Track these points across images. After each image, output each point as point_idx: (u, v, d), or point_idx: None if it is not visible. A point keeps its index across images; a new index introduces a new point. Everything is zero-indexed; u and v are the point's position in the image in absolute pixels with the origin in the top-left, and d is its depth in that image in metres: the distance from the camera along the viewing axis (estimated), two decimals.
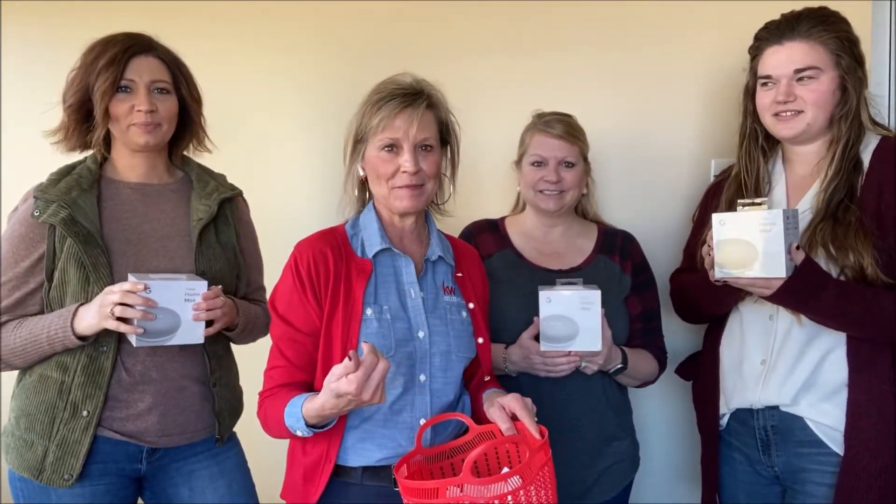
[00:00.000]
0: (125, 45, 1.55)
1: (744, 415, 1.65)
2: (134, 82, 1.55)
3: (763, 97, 1.61)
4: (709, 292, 1.64)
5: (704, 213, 1.79)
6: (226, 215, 1.70)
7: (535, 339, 1.64)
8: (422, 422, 1.38)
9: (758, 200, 1.47)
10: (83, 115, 1.57)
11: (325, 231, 1.46)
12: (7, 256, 1.53)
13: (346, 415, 1.34)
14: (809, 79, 1.55)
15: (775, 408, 1.59)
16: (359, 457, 1.38)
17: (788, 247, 1.43)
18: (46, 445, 1.51)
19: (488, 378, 1.52)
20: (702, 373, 1.78)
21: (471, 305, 1.48)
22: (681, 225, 2.02)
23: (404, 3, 2.18)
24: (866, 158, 1.56)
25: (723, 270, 1.48)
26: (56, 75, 1.61)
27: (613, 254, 1.84)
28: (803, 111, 1.56)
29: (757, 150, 1.68)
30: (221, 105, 1.83)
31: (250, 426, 1.74)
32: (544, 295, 1.60)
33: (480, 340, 1.47)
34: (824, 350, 1.54)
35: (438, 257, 1.47)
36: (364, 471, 1.38)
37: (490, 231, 1.87)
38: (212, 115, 1.74)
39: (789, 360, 1.56)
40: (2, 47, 2.29)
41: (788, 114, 1.57)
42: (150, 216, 1.62)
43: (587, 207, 1.92)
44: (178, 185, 1.69)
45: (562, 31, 2.13)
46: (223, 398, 1.67)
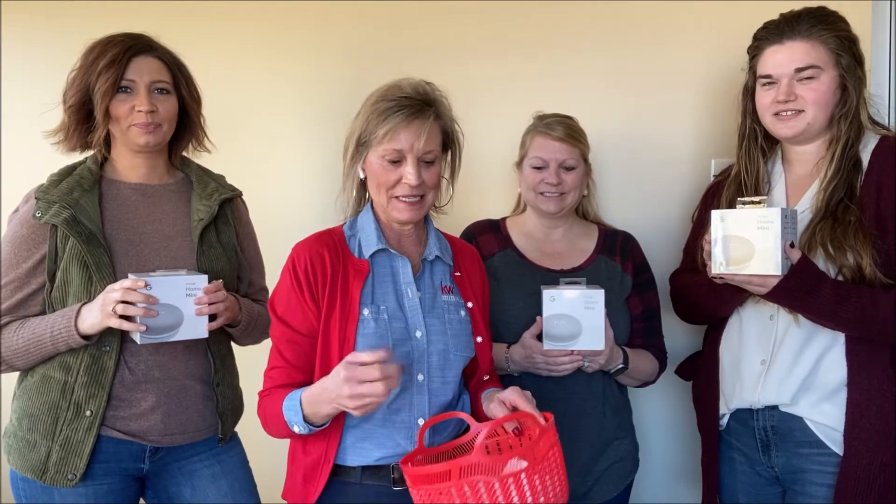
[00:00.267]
0: (125, 46, 1.55)
1: (744, 415, 1.65)
2: (134, 82, 1.55)
3: (763, 97, 1.61)
4: (712, 294, 1.64)
5: (704, 212, 1.79)
6: (226, 216, 1.71)
7: (538, 338, 1.64)
8: (420, 422, 1.38)
9: (757, 199, 1.48)
10: (83, 116, 1.58)
11: (323, 232, 1.46)
12: (9, 257, 1.54)
13: (344, 414, 1.35)
14: (810, 78, 1.55)
15: (775, 408, 1.59)
16: (358, 456, 1.38)
17: (785, 245, 1.44)
18: (50, 446, 1.51)
19: (487, 377, 1.52)
20: (701, 373, 1.78)
21: (469, 304, 1.48)
22: (680, 225, 2.02)
23: (404, 3, 2.18)
24: (865, 158, 1.57)
25: (720, 266, 1.48)
26: (56, 75, 1.61)
27: (614, 254, 1.85)
28: (804, 111, 1.56)
29: (756, 150, 1.68)
30: (221, 105, 1.84)
31: (251, 426, 1.74)
32: (548, 294, 1.60)
33: (479, 339, 1.47)
34: (824, 350, 1.54)
35: (436, 257, 1.47)
36: (363, 470, 1.38)
37: (491, 231, 1.88)
38: (212, 115, 1.75)
39: (789, 360, 1.57)
40: (2, 47, 2.29)
41: (788, 113, 1.57)
42: (151, 216, 1.62)
43: (588, 208, 1.93)
44: (178, 185, 1.69)
45: (562, 31, 2.13)
46: (226, 398, 1.67)
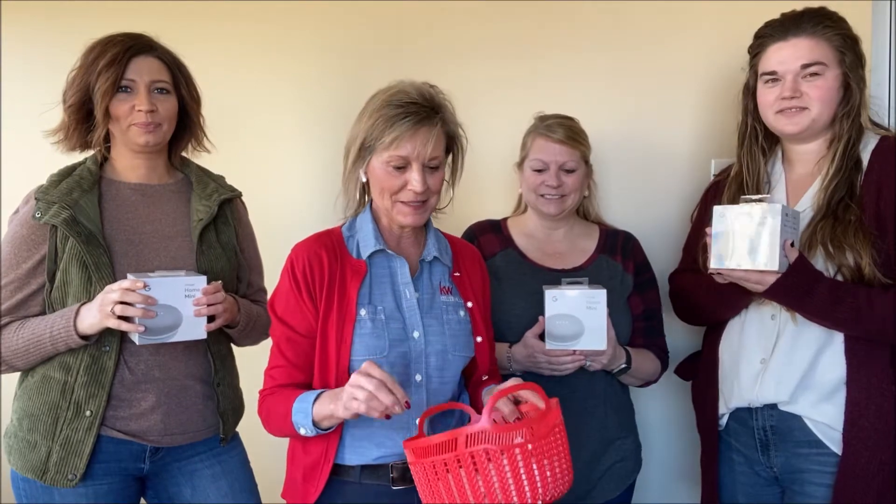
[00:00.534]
0: (125, 46, 1.55)
1: (743, 414, 1.65)
2: (134, 82, 1.55)
3: (766, 94, 1.61)
4: (714, 295, 1.64)
5: (703, 212, 1.79)
6: (225, 216, 1.71)
7: (540, 337, 1.65)
8: (419, 422, 1.38)
9: (759, 196, 1.48)
10: (83, 115, 1.58)
11: (321, 233, 1.46)
12: (9, 258, 1.54)
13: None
14: (814, 75, 1.55)
15: (774, 407, 1.59)
16: (357, 455, 1.38)
17: (784, 243, 1.44)
18: (50, 446, 1.51)
19: (486, 377, 1.52)
20: (701, 373, 1.78)
21: (469, 304, 1.48)
22: (680, 224, 2.02)
23: (404, 3, 2.17)
24: (865, 158, 1.57)
25: (719, 262, 1.48)
26: (56, 75, 1.61)
27: (615, 254, 1.85)
28: (808, 108, 1.56)
29: (757, 150, 1.68)
30: (221, 105, 1.83)
31: (252, 426, 1.74)
32: (550, 294, 1.60)
33: (479, 339, 1.47)
34: (823, 348, 1.54)
35: (434, 258, 1.47)
36: (362, 469, 1.39)
37: (493, 231, 1.88)
38: (211, 115, 1.75)
39: (788, 358, 1.57)
40: (2, 47, 2.29)
41: (793, 110, 1.57)
42: (150, 217, 1.62)
43: (589, 209, 1.93)
44: (177, 185, 1.69)
45: (562, 31, 2.13)
46: (227, 398, 1.67)
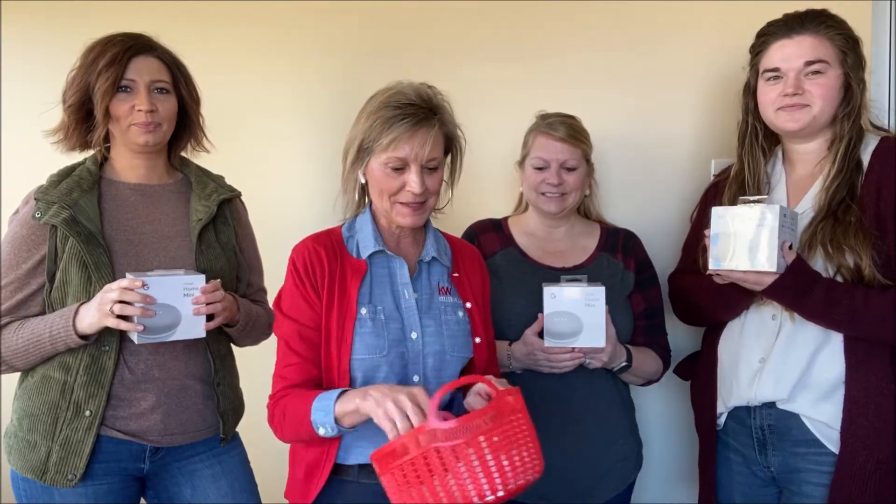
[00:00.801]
0: (125, 46, 1.55)
1: (741, 413, 1.65)
2: (134, 82, 1.55)
3: (768, 92, 1.61)
4: (716, 296, 1.64)
5: (703, 213, 1.79)
6: (225, 216, 1.71)
7: (539, 335, 1.65)
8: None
9: (756, 198, 1.48)
10: (83, 115, 1.58)
11: (321, 233, 1.47)
12: (9, 258, 1.54)
13: None
14: (817, 73, 1.55)
15: (772, 405, 1.59)
16: (355, 455, 1.38)
17: (782, 245, 1.44)
18: (50, 446, 1.51)
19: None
20: (700, 372, 1.78)
21: (468, 305, 1.48)
22: (680, 224, 2.02)
23: (404, 4, 2.17)
24: (866, 158, 1.57)
25: (717, 263, 1.49)
26: (56, 75, 1.61)
27: (616, 252, 1.85)
28: (809, 105, 1.56)
29: (758, 149, 1.68)
30: (221, 106, 1.83)
31: (251, 426, 1.75)
32: (549, 291, 1.60)
33: (478, 340, 1.47)
34: (822, 347, 1.54)
35: (433, 258, 1.47)
36: (361, 469, 1.39)
37: (493, 230, 1.88)
38: (211, 115, 1.75)
39: (786, 357, 1.57)
40: (2, 47, 2.29)
41: (794, 106, 1.57)
42: (150, 217, 1.62)
43: (590, 208, 1.93)
44: (177, 185, 1.69)
45: (562, 31, 2.13)
46: (227, 398, 1.67)
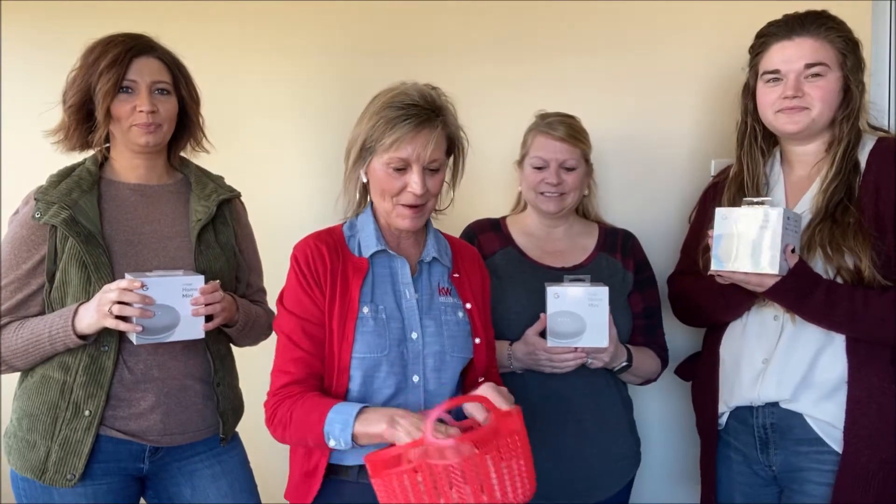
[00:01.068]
0: (127, 46, 1.55)
1: (743, 413, 1.65)
2: (136, 83, 1.56)
3: (767, 93, 1.61)
4: (718, 297, 1.64)
5: (702, 213, 1.79)
6: (224, 216, 1.71)
7: (541, 335, 1.65)
8: None
9: (761, 199, 1.48)
10: (83, 116, 1.58)
11: (322, 231, 1.47)
12: (8, 258, 1.54)
13: None
14: (817, 76, 1.55)
15: (775, 405, 1.59)
16: (354, 456, 1.38)
17: (784, 247, 1.44)
18: (49, 446, 1.52)
19: (482, 379, 1.52)
20: (701, 373, 1.78)
21: (468, 306, 1.48)
22: (680, 224, 2.02)
23: (404, 4, 2.17)
24: (863, 159, 1.57)
25: (719, 264, 1.49)
26: (56, 75, 1.61)
27: (615, 252, 1.85)
28: (809, 107, 1.56)
29: (757, 150, 1.68)
30: (221, 106, 1.83)
31: (251, 426, 1.75)
32: (552, 291, 1.60)
33: (477, 341, 1.47)
34: (824, 347, 1.54)
35: (433, 258, 1.47)
36: (360, 469, 1.39)
37: (492, 230, 1.88)
38: (211, 116, 1.75)
39: (789, 357, 1.57)
40: (2, 47, 2.29)
41: (794, 109, 1.57)
42: (149, 217, 1.62)
43: (588, 208, 1.93)
44: (176, 186, 1.69)
45: (561, 30, 2.13)
46: (227, 398, 1.68)
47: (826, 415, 1.53)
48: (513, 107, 2.00)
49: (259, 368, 1.56)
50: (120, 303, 1.41)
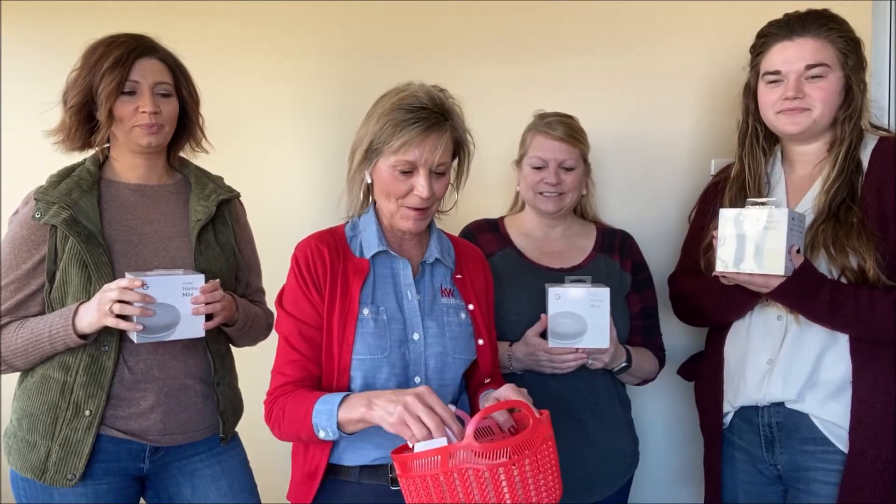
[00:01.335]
0: (129, 47, 1.55)
1: (748, 412, 1.65)
2: (138, 84, 1.56)
3: (768, 94, 1.61)
4: (721, 298, 1.64)
5: (702, 213, 1.79)
6: (224, 217, 1.71)
7: (542, 336, 1.65)
8: None
9: (766, 200, 1.48)
10: (85, 116, 1.58)
11: (324, 231, 1.47)
12: (8, 258, 1.54)
13: None
14: (818, 77, 1.55)
15: (780, 405, 1.59)
16: (356, 456, 1.39)
17: (790, 248, 1.44)
18: (49, 446, 1.52)
19: (489, 380, 1.52)
20: (705, 373, 1.78)
21: (471, 307, 1.48)
22: (679, 225, 2.02)
23: (404, 4, 2.17)
24: (865, 158, 1.57)
25: (724, 265, 1.49)
26: (56, 75, 1.61)
27: (613, 253, 1.85)
28: (810, 108, 1.56)
29: (758, 150, 1.68)
30: (220, 106, 1.83)
31: (251, 426, 1.75)
32: (553, 292, 1.60)
33: (480, 342, 1.47)
34: (829, 347, 1.54)
35: (436, 259, 1.47)
36: (361, 470, 1.39)
37: (490, 231, 1.88)
38: (211, 116, 1.75)
39: (795, 358, 1.57)
40: (2, 47, 2.29)
41: (795, 110, 1.56)
42: (149, 217, 1.62)
43: (587, 208, 1.93)
44: (176, 186, 1.70)
45: (561, 30, 2.13)
46: (227, 397, 1.68)
47: (831, 415, 1.54)
48: (513, 106, 1.99)
49: (258, 368, 1.57)
50: (121, 302, 1.42)
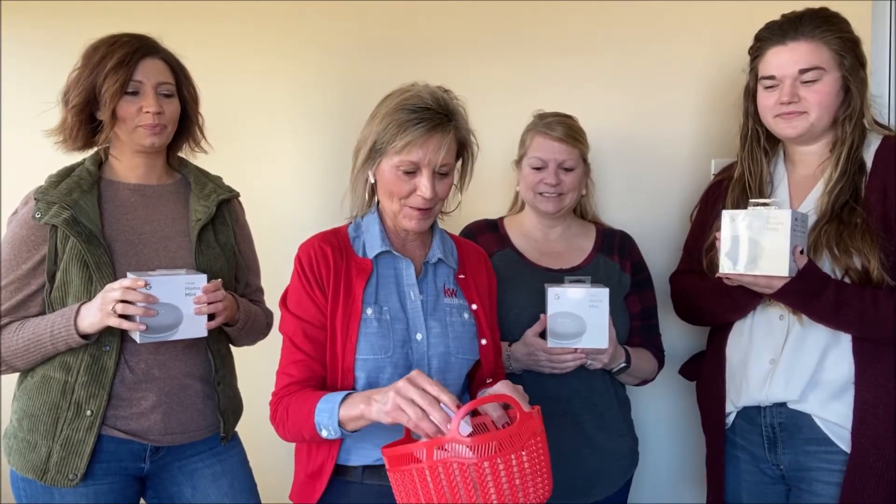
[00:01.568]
0: (133, 47, 1.55)
1: (751, 412, 1.65)
2: (142, 84, 1.56)
3: (765, 98, 1.61)
4: (724, 298, 1.64)
5: (704, 212, 1.79)
6: (223, 216, 1.71)
7: (541, 336, 1.65)
8: None
9: (768, 201, 1.48)
10: (87, 116, 1.57)
11: (327, 232, 1.47)
12: (8, 259, 1.54)
13: None
14: (813, 80, 1.54)
15: (783, 405, 1.59)
16: (359, 456, 1.39)
17: (793, 249, 1.44)
18: (50, 446, 1.52)
19: (490, 380, 1.52)
20: (707, 373, 1.78)
21: (474, 307, 1.48)
22: (680, 225, 2.02)
23: (404, 4, 2.17)
24: (868, 159, 1.57)
25: (728, 266, 1.49)
26: (56, 75, 1.61)
27: (612, 253, 1.85)
28: (806, 112, 1.56)
29: (759, 152, 1.68)
30: (221, 106, 1.84)
31: (251, 426, 1.75)
32: (553, 292, 1.60)
33: (483, 342, 1.47)
34: (831, 347, 1.54)
35: (439, 259, 1.47)
36: (364, 470, 1.39)
37: (490, 231, 1.88)
38: (211, 116, 1.75)
39: (797, 358, 1.57)
40: (2, 47, 2.29)
41: (791, 114, 1.56)
42: (149, 217, 1.62)
43: (586, 208, 1.93)
44: (176, 186, 1.70)
45: (562, 30, 2.13)
46: (227, 397, 1.68)
47: (834, 415, 1.54)
48: (512, 106, 1.99)
49: (258, 368, 1.57)
50: (124, 302, 1.42)
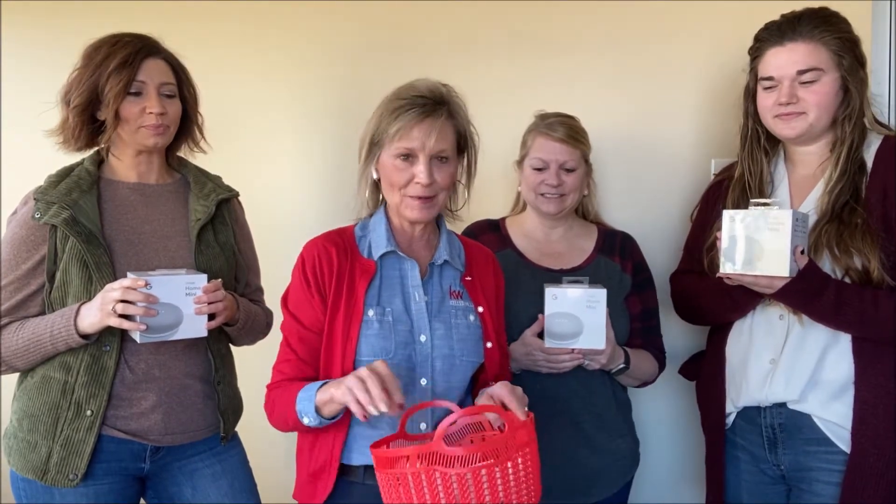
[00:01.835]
0: (135, 48, 1.55)
1: (751, 412, 1.65)
2: (145, 84, 1.56)
3: (765, 99, 1.61)
4: (724, 297, 1.64)
5: (704, 211, 1.79)
6: (223, 216, 1.71)
7: (539, 336, 1.65)
8: (423, 426, 1.38)
9: (769, 201, 1.48)
10: (89, 116, 1.57)
11: (333, 231, 1.47)
12: (8, 259, 1.54)
13: (349, 415, 1.34)
14: (811, 81, 1.54)
15: (783, 405, 1.59)
16: (361, 456, 1.38)
17: (794, 248, 1.44)
18: (50, 446, 1.51)
19: (493, 383, 1.52)
20: (706, 373, 1.78)
21: (480, 309, 1.47)
22: (680, 225, 2.02)
23: (404, 4, 2.17)
24: (869, 159, 1.57)
25: (728, 266, 1.49)
26: (56, 75, 1.60)
27: (613, 254, 1.85)
28: (805, 113, 1.56)
29: (759, 152, 1.68)
30: (220, 106, 1.83)
31: (251, 426, 1.75)
32: (550, 292, 1.61)
33: (489, 345, 1.46)
34: (831, 348, 1.54)
35: (445, 261, 1.47)
36: (366, 470, 1.39)
37: (491, 231, 1.88)
38: (210, 116, 1.74)
39: (797, 358, 1.57)
40: (2, 47, 2.29)
41: (790, 115, 1.57)
42: (149, 216, 1.62)
43: (588, 208, 1.93)
44: (175, 185, 1.70)
45: (562, 30, 2.13)
46: (227, 396, 1.68)
47: (834, 415, 1.54)
48: (513, 106, 2.00)
49: (258, 368, 1.57)
50: (124, 301, 1.42)
